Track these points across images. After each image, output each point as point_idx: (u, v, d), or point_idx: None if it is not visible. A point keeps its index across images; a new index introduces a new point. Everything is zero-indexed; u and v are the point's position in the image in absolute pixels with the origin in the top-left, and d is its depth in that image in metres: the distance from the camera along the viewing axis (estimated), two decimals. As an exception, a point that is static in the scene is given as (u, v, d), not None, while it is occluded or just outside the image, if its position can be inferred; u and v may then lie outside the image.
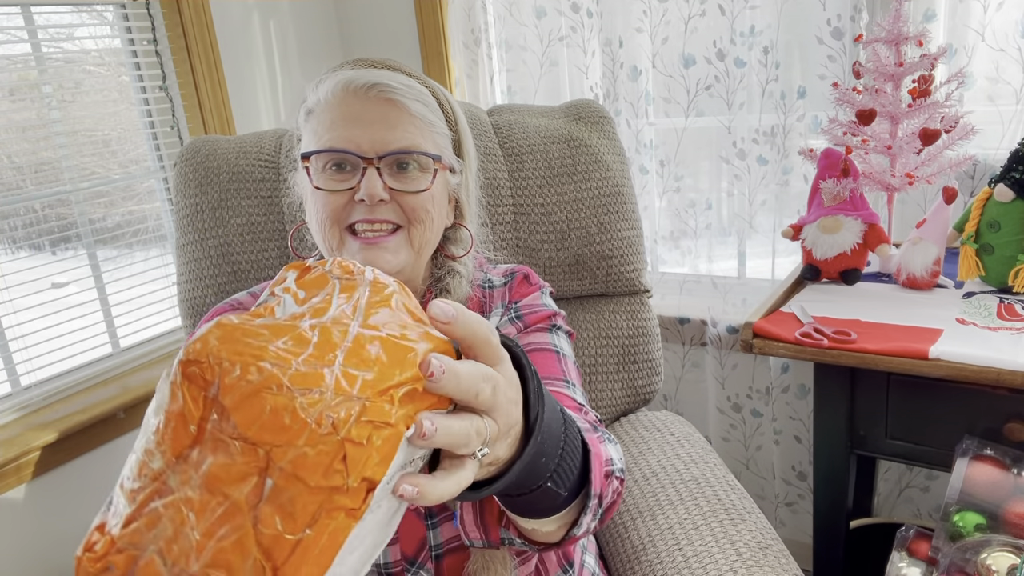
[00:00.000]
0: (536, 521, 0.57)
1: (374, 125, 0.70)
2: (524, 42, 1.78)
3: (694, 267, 1.73)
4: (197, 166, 1.13)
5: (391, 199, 0.71)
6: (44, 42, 1.53)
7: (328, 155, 0.71)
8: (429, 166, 0.73)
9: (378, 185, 0.69)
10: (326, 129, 0.71)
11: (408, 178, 0.72)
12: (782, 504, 1.74)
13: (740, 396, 1.72)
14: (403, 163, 0.71)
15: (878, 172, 1.26)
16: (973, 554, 0.91)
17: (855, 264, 1.26)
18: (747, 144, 1.55)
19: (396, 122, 0.71)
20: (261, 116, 1.86)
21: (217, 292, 1.12)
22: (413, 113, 0.72)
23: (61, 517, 1.48)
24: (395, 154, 0.70)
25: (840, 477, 1.18)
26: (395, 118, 0.71)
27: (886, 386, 1.09)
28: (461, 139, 0.80)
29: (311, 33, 1.97)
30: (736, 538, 0.88)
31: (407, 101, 0.71)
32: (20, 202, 1.47)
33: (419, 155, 0.72)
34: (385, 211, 0.71)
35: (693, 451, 1.09)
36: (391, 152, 0.70)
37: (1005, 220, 1.12)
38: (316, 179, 0.72)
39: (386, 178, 0.71)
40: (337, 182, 0.71)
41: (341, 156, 0.70)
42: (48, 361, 1.52)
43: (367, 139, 0.70)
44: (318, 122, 0.72)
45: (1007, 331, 1.02)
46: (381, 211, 0.71)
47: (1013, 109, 1.29)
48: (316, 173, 0.72)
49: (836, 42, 1.40)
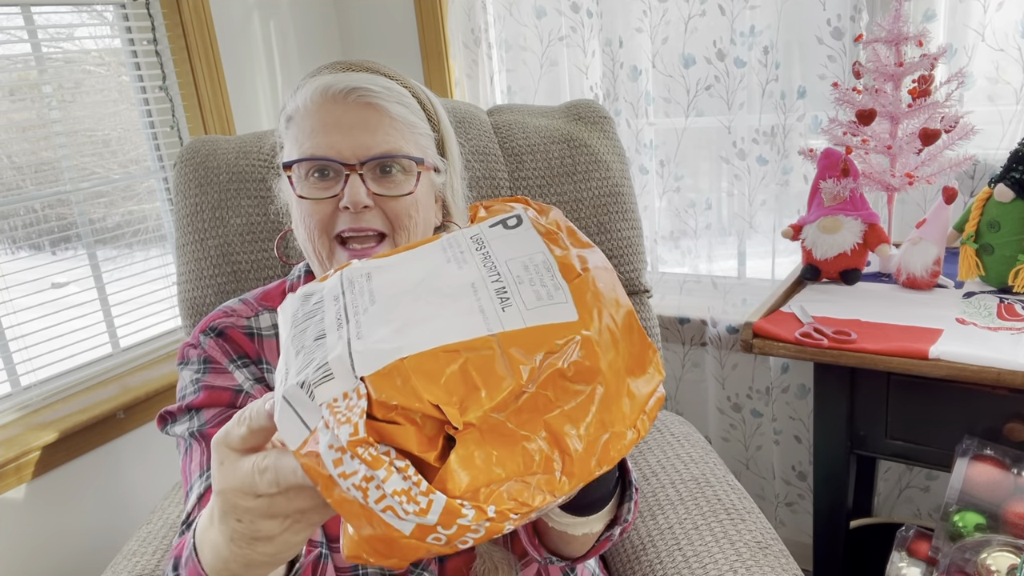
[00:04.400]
0: (585, 520, 0.59)
1: (354, 130, 0.69)
2: (524, 42, 1.78)
3: (694, 267, 1.73)
4: (197, 166, 1.13)
5: (375, 205, 0.71)
6: (44, 42, 1.53)
7: (310, 163, 0.70)
8: (412, 169, 0.72)
9: (361, 192, 0.69)
10: (307, 136, 0.70)
11: (392, 182, 0.71)
12: (782, 504, 1.74)
13: (740, 396, 1.72)
14: (386, 167, 0.71)
15: (878, 172, 1.26)
16: (973, 554, 0.91)
17: (855, 264, 1.26)
18: (747, 144, 1.55)
19: (376, 126, 0.70)
20: (261, 116, 1.86)
21: (217, 292, 1.12)
22: (393, 116, 0.71)
23: (61, 517, 1.48)
24: (377, 159, 0.70)
25: (840, 477, 1.18)
26: (375, 122, 0.70)
27: (886, 386, 1.09)
28: (444, 138, 0.79)
29: (311, 33, 1.97)
30: (736, 538, 0.88)
31: (387, 104, 0.70)
32: (20, 202, 1.47)
33: (401, 159, 0.71)
34: (370, 218, 0.70)
35: (693, 451, 1.09)
36: (373, 157, 0.69)
37: (1005, 220, 1.12)
38: (299, 188, 0.71)
39: (369, 183, 0.70)
40: (321, 190, 0.70)
41: (323, 164, 0.69)
42: (48, 361, 1.52)
43: (348, 145, 0.69)
44: (298, 129, 0.71)
45: (1007, 331, 1.02)
46: (367, 218, 0.70)
47: (1013, 109, 1.29)
48: (299, 181, 0.71)
49: (836, 42, 1.40)
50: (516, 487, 0.36)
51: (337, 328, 0.39)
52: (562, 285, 0.39)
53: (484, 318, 0.38)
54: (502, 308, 0.38)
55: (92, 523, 1.54)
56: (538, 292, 0.39)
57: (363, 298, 0.41)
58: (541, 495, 0.36)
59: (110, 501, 1.57)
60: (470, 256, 0.42)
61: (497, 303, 0.38)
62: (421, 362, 0.36)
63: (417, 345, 0.36)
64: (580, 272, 0.40)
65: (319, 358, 0.37)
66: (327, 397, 0.36)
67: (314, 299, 0.43)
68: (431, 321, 0.38)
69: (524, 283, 0.40)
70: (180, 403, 0.75)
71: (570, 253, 0.42)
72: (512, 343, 0.37)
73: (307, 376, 0.37)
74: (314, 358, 0.38)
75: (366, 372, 0.35)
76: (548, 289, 0.39)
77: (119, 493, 1.58)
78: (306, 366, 0.38)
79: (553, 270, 0.40)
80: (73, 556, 1.50)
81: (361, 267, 0.44)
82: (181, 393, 0.76)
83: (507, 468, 0.36)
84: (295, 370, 0.38)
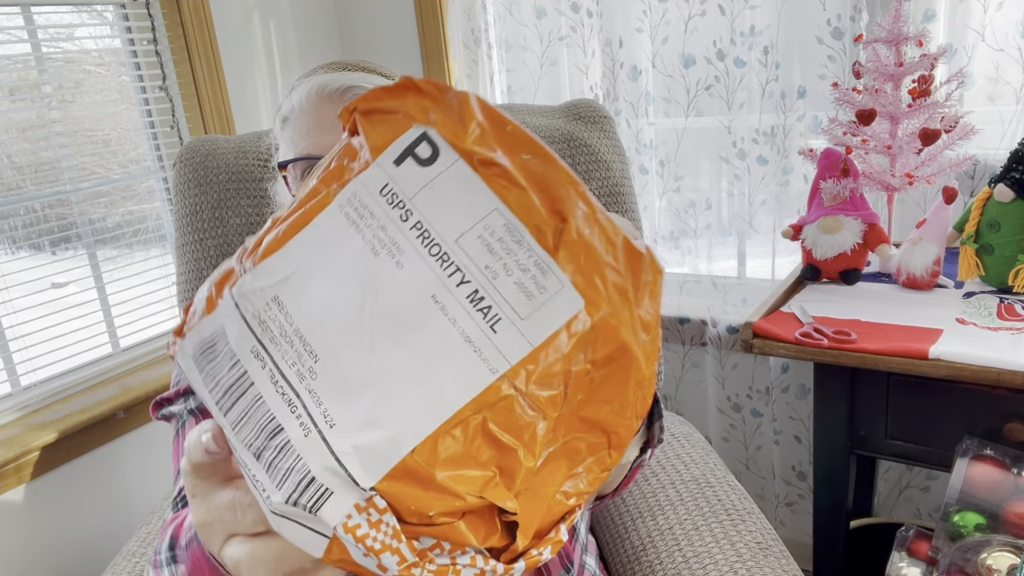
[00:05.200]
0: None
1: None
2: (524, 42, 1.78)
3: (694, 267, 1.73)
4: (196, 166, 1.13)
5: None
6: (44, 42, 1.53)
7: (305, 163, 0.68)
8: None
9: None
10: (302, 136, 0.69)
11: None
12: (782, 504, 1.74)
13: (740, 396, 1.72)
14: None
15: (878, 172, 1.26)
16: (973, 554, 0.91)
17: (855, 264, 1.26)
18: (747, 144, 1.55)
19: None
20: (261, 116, 1.86)
21: (217, 292, 1.12)
22: None
23: (61, 517, 1.48)
24: None
25: (840, 477, 1.18)
26: None
27: (886, 386, 1.09)
28: None
29: (311, 33, 1.97)
30: (736, 539, 0.88)
31: None
32: (20, 202, 1.47)
33: None
34: None
35: (693, 451, 1.09)
36: None
37: (1005, 220, 1.12)
38: (295, 188, 0.70)
39: None
40: None
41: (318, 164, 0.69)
42: (48, 361, 1.52)
43: None
44: (294, 130, 0.70)
45: (1007, 331, 1.02)
46: None
47: (1013, 109, 1.29)
48: (295, 182, 0.70)
49: (836, 42, 1.40)
50: (569, 484, 0.31)
51: (290, 411, 0.30)
52: (546, 262, 0.29)
53: (477, 353, 0.29)
54: (491, 328, 0.29)
55: (92, 523, 1.54)
56: (523, 285, 0.29)
57: (292, 348, 0.30)
58: (594, 476, 0.32)
59: (110, 501, 1.57)
60: (398, 234, 0.30)
61: (480, 321, 0.29)
62: (434, 450, 0.28)
63: (416, 427, 0.28)
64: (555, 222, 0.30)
65: (293, 466, 0.29)
66: (337, 517, 0.28)
67: (221, 354, 0.32)
68: (412, 380, 0.29)
69: (499, 275, 0.29)
70: (175, 388, 0.74)
71: (527, 191, 0.30)
72: (526, 377, 0.29)
73: (294, 494, 0.29)
74: (284, 465, 0.29)
75: (372, 481, 0.28)
76: (533, 275, 0.29)
77: (119, 493, 1.58)
78: (281, 476, 0.29)
79: (523, 237, 0.30)
80: (73, 556, 1.50)
81: (255, 285, 0.32)
82: (176, 379, 0.75)
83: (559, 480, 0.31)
84: (266, 479, 0.30)
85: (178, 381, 0.75)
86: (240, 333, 0.32)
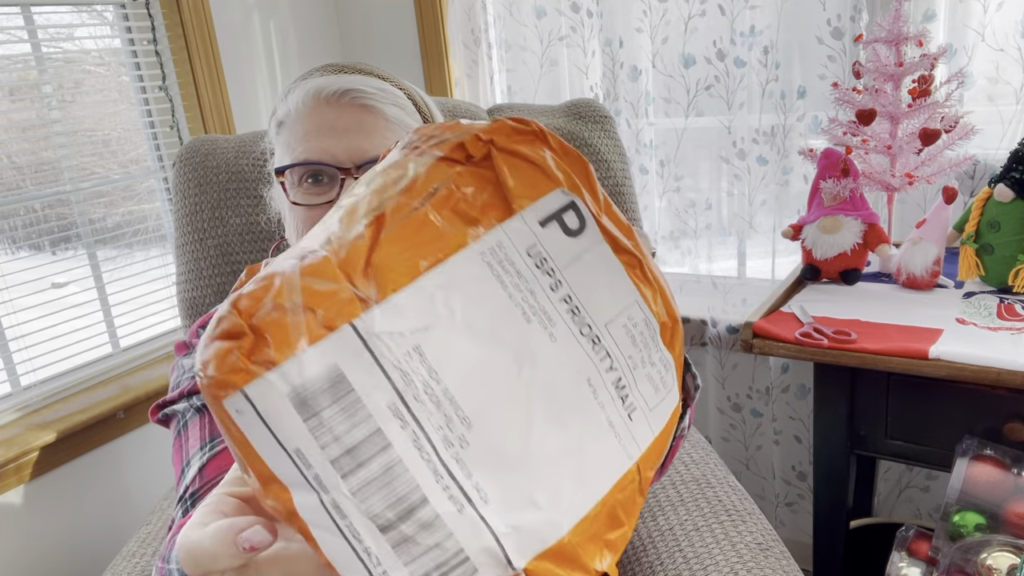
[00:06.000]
0: None
1: (349, 133, 0.66)
2: (524, 42, 1.78)
3: (694, 267, 1.73)
4: (196, 166, 1.13)
5: None
6: (44, 42, 1.53)
7: (303, 168, 0.67)
8: None
9: None
10: (299, 141, 0.67)
11: None
12: (782, 504, 1.74)
13: (740, 396, 1.72)
14: None
15: (878, 172, 1.26)
16: (973, 554, 0.91)
17: (855, 264, 1.26)
18: (747, 144, 1.55)
19: (372, 128, 0.67)
20: (261, 116, 1.86)
21: (217, 292, 1.12)
22: (389, 118, 0.68)
23: (61, 517, 1.48)
24: (374, 162, 0.66)
25: (840, 477, 1.18)
26: (371, 124, 0.67)
27: (886, 386, 1.09)
28: None
29: (311, 33, 1.97)
30: (737, 539, 0.88)
31: (382, 106, 0.68)
32: (20, 202, 1.47)
33: None
34: None
35: (693, 451, 1.09)
36: (369, 160, 0.66)
37: (1005, 220, 1.12)
38: (293, 194, 0.68)
39: None
40: (315, 195, 0.67)
41: (317, 168, 0.66)
42: (48, 361, 1.52)
43: (342, 148, 0.66)
44: (290, 134, 0.68)
45: (1007, 331, 1.02)
46: None
47: (1013, 109, 1.29)
48: (292, 188, 0.68)
49: (836, 42, 1.40)
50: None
51: (435, 480, 0.26)
52: (668, 361, 0.31)
53: (618, 439, 0.29)
54: (628, 416, 0.30)
55: (92, 523, 1.54)
56: (652, 378, 0.31)
57: (440, 410, 0.27)
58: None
59: (110, 501, 1.57)
60: (548, 304, 0.29)
61: (620, 408, 0.30)
62: (585, 531, 0.28)
63: (572, 509, 0.28)
64: (670, 322, 0.32)
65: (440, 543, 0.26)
66: None
67: (341, 402, 0.26)
68: (567, 462, 0.28)
69: (638, 367, 0.30)
70: (175, 391, 0.72)
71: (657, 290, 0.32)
72: (646, 463, 0.31)
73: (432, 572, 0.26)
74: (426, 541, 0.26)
75: (524, 562, 0.27)
76: (659, 370, 0.31)
77: (119, 493, 1.58)
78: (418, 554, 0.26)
79: (655, 333, 0.31)
80: (73, 556, 1.50)
81: (391, 327, 0.27)
82: (176, 382, 0.74)
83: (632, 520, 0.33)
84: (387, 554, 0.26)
85: (178, 383, 0.74)
86: (374, 383, 0.27)
